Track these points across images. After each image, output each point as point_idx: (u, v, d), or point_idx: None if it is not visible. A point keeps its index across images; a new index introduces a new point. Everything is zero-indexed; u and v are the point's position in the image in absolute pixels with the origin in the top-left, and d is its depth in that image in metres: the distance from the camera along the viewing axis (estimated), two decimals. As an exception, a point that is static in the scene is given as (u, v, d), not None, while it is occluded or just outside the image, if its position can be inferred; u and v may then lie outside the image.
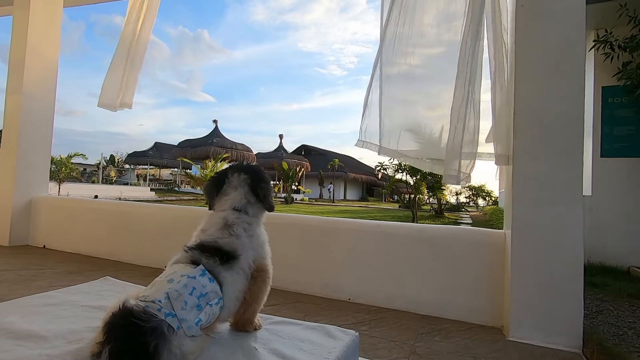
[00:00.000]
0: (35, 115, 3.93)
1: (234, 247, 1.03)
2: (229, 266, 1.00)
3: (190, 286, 0.89)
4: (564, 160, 1.96)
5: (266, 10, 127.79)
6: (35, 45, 3.91)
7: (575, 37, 1.99)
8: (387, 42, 2.39)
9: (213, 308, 0.93)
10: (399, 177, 12.06)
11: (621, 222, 4.14)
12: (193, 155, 21.74)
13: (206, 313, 0.90)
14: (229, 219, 1.08)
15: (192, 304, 0.87)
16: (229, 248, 1.02)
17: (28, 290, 2.26)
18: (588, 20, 2.03)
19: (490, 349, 1.84)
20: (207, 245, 1.01)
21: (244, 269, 1.04)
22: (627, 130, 4.28)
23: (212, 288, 0.93)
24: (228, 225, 1.07)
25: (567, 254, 1.93)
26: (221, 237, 1.04)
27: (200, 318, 0.88)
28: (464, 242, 2.33)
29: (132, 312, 0.79)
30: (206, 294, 0.91)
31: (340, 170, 30.26)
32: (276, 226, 2.94)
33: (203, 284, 0.92)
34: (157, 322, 0.79)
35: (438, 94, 2.36)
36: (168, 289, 0.88)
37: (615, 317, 2.39)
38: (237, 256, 1.03)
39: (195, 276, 0.92)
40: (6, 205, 3.77)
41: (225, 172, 1.19)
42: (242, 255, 1.04)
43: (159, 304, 0.83)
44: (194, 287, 0.90)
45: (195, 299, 0.88)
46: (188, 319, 0.84)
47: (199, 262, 0.96)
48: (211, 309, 0.92)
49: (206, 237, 1.04)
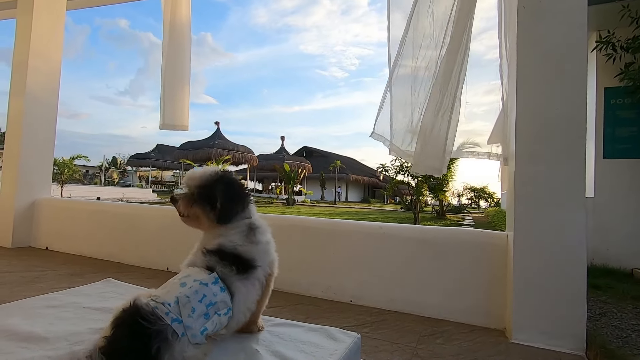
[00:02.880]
0: (38, 117, 3.95)
1: (253, 255, 1.02)
2: (244, 277, 0.99)
3: (200, 293, 0.89)
4: (566, 162, 1.96)
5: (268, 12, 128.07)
6: (38, 48, 3.93)
7: (577, 38, 1.98)
8: (396, 44, 2.44)
9: (221, 318, 0.92)
10: (401, 179, 12.05)
11: (624, 223, 4.12)
12: (195, 157, 21.79)
13: (213, 322, 0.90)
14: (254, 224, 1.08)
15: (199, 311, 0.87)
16: (248, 256, 1.01)
17: (30, 292, 2.26)
18: (590, 21, 2.02)
19: (492, 352, 1.83)
20: (227, 251, 1.00)
21: (259, 279, 1.04)
22: (629, 132, 4.27)
23: (222, 298, 0.92)
24: (252, 230, 1.05)
25: (570, 256, 1.91)
26: (241, 245, 1.02)
27: (206, 327, 0.87)
28: (466, 244, 2.33)
29: (140, 312, 0.80)
30: (215, 303, 0.91)
31: (341, 172, 30.25)
32: (278, 228, 2.92)
33: (214, 292, 0.91)
34: (163, 326, 0.80)
35: (440, 95, 2.37)
36: (179, 292, 0.88)
37: (619, 320, 2.38)
38: (255, 266, 1.02)
39: (208, 284, 0.92)
40: (9, 207, 3.79)
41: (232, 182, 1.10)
42: (260, 266, 1.03)
43: (167, 308, 0.83)
44: (205, 295, 0.89)
45: (204, 307, 0.88)
46: (193, 327, 0.84)
47: (214, 268, 0.96)
48: (219, 319, 0.92)
49: (226, 242, 1.02)
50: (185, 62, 3.51)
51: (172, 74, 3.46)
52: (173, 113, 3.47)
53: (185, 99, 3.52)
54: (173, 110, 3.47)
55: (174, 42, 3.45)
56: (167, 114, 3.45)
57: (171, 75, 3.46)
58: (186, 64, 3.52)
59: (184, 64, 3.51)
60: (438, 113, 2.29)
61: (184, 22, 3.48)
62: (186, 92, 3.54)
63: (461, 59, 2.26)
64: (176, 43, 3.46)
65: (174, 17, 3.44)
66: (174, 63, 3.46)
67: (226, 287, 0.95)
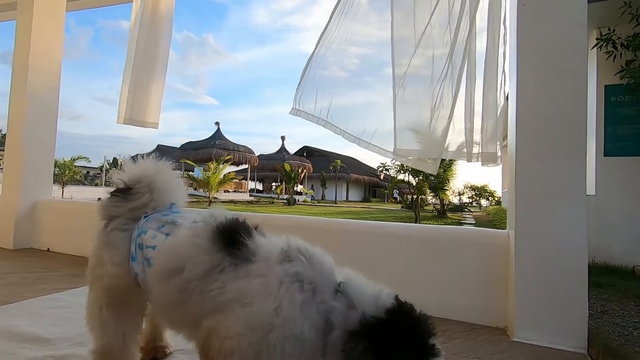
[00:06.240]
0: (39, 118, 3.95)
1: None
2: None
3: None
4: (567, 160, 1.95)
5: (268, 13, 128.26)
6: (38, 49, 3.93)
7: (577, 35, 1.98)
8: (394, 44, 2.43)
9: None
10: (402, 178, 12.05)
11: (625, 221, 4.12)
12: (195, 158, 21.81)
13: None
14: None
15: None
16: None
17: (32, 293, 2.26)
18: (590, 18, 2.02)
19: (494, 350, 1.83)
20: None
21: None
22: (630, 129, 4.26)
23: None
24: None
25: (572, 254, 1.91)
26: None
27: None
28: (467, 243, 2.32)
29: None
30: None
31: (342, 172, 30.25)
32: (278, 228, 2.93)
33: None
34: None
35: (439, 94, 2.36)
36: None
37: (621, 317, 2.38)
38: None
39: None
40: (10, 209, 3.79)
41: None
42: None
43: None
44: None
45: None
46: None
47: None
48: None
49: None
50: (164, 53, 3.46)
51: (147, 64, 3.38)
52: (145, 108, 3.40)
53: (160, 92, 3.48)
54: (145, 104, 3.40)
55: (152, 31, 3.39)
56: (135, 108, 3.37)
57: (145, 66, 3.38)
58: (165, 55, 3.47)
59: (163, 55, 3.46)
60: (437, 112, 2.29)
61: (165, 9, 3.44)
62: (161, 85, 3.48)
63: (462, 58, 2.26)
64: (155, 32, 3.39)
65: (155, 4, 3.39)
66: (152, 52, 3.39)
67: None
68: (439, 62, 2.36)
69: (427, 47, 2.39)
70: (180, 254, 0.91)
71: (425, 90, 2.38)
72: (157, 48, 3.44)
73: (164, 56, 3.49)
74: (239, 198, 23.51)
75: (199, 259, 0.89)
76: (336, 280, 0.85)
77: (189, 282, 0.87)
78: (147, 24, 3.38)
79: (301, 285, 0.78)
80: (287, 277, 0.78)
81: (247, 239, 0.89)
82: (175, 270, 0.90)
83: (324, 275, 0.84)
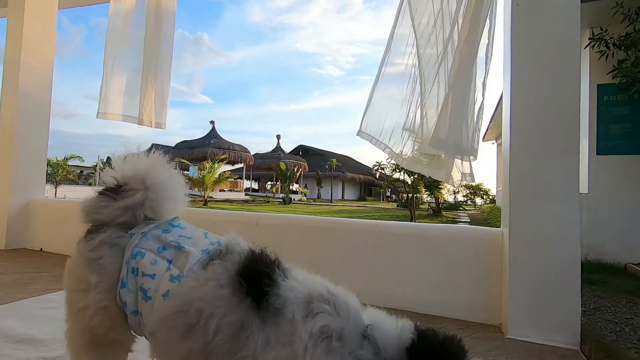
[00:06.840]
0: (31, 116, 3.90)
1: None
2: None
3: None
4: (560, 158, 1.97)
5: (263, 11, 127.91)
6: (30, 46, 3.89)
7: (570, 35, 2.00)
8: (389, 41, 2.42)
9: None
10: (397, 177, 12.09)
11: (618, 219, 4.17)
12: (190, 157, 21.70)
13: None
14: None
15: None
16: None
17: (25, 294, 2.24)
18: (583, 18, 2.04)
19: (489, 347, 1.85)
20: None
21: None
22: (622, 128, 4.31)
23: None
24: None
25: (565, 252, 1.93)
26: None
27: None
28: (462, 241, 2.34)
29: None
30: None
31: (338, 170, 30.28)
32: (274, 227, 2.93)
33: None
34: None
35: (433, 93, 2.37)
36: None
37: (613, 314, 2.41)
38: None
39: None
40: (2, 208, 3.75)
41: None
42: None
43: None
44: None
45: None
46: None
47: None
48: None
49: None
50: (169, 52, 3.45)
51: (156, 64, 3.36)
52: (154, 109, 3.38)
53: (166, 93, 3.46)
54: (154, 105, 3.38)
55: (158, 31, 3.36)
56: (147, 109, 3.36)
57: (155, 65, 3.36)
58: (170, 54, 3.46)
59: (169, 53, 3.45)
60: (436, 111, 2.28)
61: (170, 9, 3.42)
62: (166, 85, 3.47)
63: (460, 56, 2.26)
64: (161, 31, 3.37)
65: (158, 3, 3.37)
66: (157, 52, 3.36)
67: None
68: (433, 61, 2.37)
69: (427, 46, 2.39)
70: (204, 309, 0.78)
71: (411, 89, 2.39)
72: (165, 47, 3.44)
73: (170, 55, 3.50)
74: (235, 197, 23.45)
75: (226, 320, 0.77)
76: (364, 323, 0.80)
77: (214, 344, 0.76)
78: (152, 25, 3.38)
79: (329, 341, 0.72)
80: (312, 340, 0.72)
81: (273, 288, 0.79)
82: (196, 325, 0.78)
83: (351, 321, 0.78)
